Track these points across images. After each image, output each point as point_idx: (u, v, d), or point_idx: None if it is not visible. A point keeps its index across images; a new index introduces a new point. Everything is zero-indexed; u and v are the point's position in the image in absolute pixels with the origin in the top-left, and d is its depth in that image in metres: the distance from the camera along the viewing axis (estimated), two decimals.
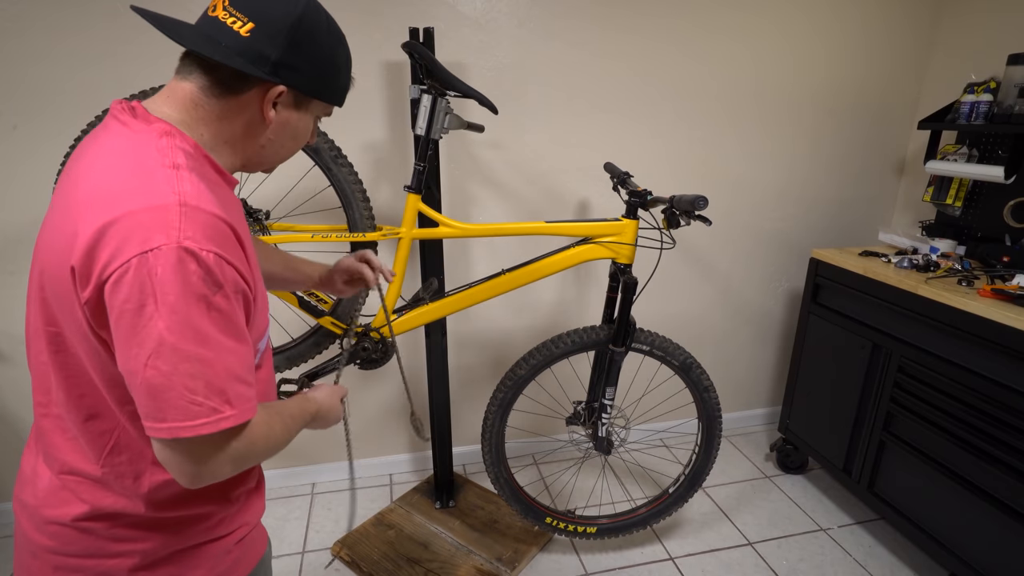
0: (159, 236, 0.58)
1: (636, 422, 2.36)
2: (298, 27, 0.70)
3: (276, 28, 0.68)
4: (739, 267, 2.26)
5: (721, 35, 1.94)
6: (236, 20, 0.68)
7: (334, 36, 0.75)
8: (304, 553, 1.79)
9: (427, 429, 1.12)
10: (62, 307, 0.64)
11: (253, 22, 0.68)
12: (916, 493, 1.67)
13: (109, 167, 0.64)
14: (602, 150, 1.97)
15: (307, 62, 0.72)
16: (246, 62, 0.68)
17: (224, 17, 0.68)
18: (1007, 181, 1.73)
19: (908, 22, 2.10)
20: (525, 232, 1.45)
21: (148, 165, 0.63)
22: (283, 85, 0.70)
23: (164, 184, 0.62)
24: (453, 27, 1.73)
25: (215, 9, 0.70)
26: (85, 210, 0.61)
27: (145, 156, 0.64)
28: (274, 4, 0.69)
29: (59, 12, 1.51)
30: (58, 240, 0.63)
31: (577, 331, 1.53)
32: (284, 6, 0.69)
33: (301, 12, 0.70)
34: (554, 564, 1.77)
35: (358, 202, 1.39)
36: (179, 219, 0.59)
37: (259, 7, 0.69)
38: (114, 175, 0.63)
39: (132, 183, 0.62)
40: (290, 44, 0.69)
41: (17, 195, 1.63)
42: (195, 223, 0.60)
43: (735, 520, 1.97)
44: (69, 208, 0.64)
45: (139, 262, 0.57)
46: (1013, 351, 1.39)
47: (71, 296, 0.62)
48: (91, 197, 0.62)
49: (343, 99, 0.81)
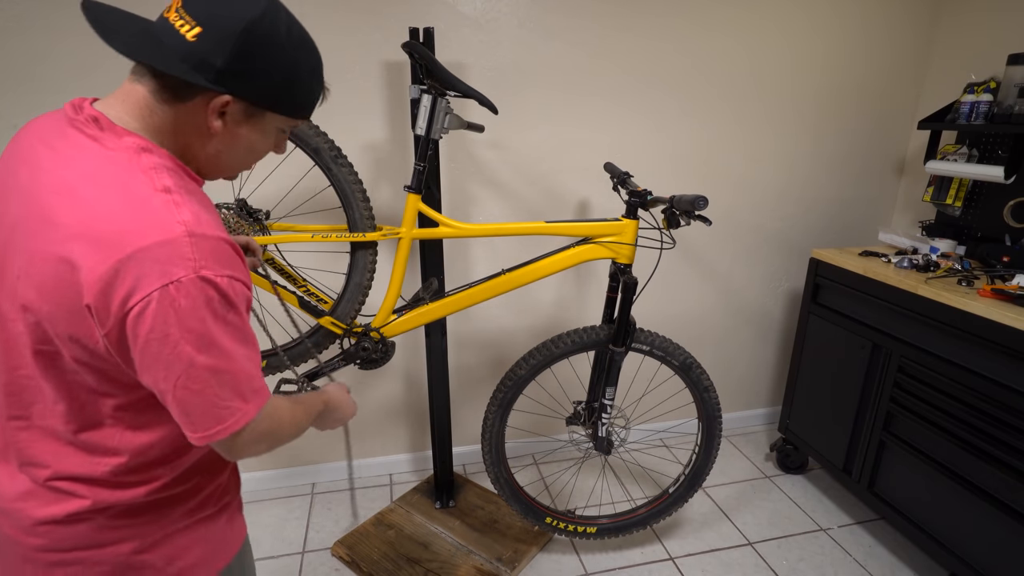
0: (177, 269, 0.61)
1: (636, 422, 2.36)
2: (250, 33, 0.65)
3: (224, 33, 0.65)
4: (739, 267, 2.27)
5: (720, 35, 1.94)
6: (185, 24, 0.65)
7: (295, 43, 0.70)
8: (304, 553, 1.79)
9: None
10: (67, 334, 0.64)
11: (201, 26, 0.64)
12: (916, 493, 1.67)
13: (98, 196, 0.62)
14: (602, 150, 1.97)
15: (258, 71, 0.68)
16: (188, 68, 0.65)
17: (175, 20, 0.66)
18: (1007, 181, 1.73)
19: (908, 22, 2.10)
20: (525, 232, 1.45)
21: (141, 193, 0.63)
22: (228, 95, 0.67)
23: (165, 214, 0.62)
24: (453, 27, 1.73)
25: (169, 11, 0.67)
26: (84, 245, 0.61)
27: (133, 182, 0.64)
28: (226, 7, 0.65)
29: (59, 12, 1.51)
30: (46, 270, 0.62)
31: (577, 331, 1.53)
32: (236, 10, 0.65)
33: (254, 16, 0.65)
34: (554, 564, 1.77)
35: (358, 202, 1.39)
36: (192, 250, 0.62)
37: (210, 10, 0.65)
38: (107, 205, 0.62)
39: (132, 215, 0.62)
40: (239, 51, 0.65)
41: None
42: (206, 251, 0.63)
43: (735, 520, 1.97)
44: (50, 234, 0.62)
45: (161, 295, 0.60)
46: (1013, 351, 1.39)
47: (86, 329, 0.63)
48: (87, 230, 0.61)
49: (307, 112, 0.77)
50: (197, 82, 0.65)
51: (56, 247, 0.62)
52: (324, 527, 1.90)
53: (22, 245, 0.65)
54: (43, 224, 0.64)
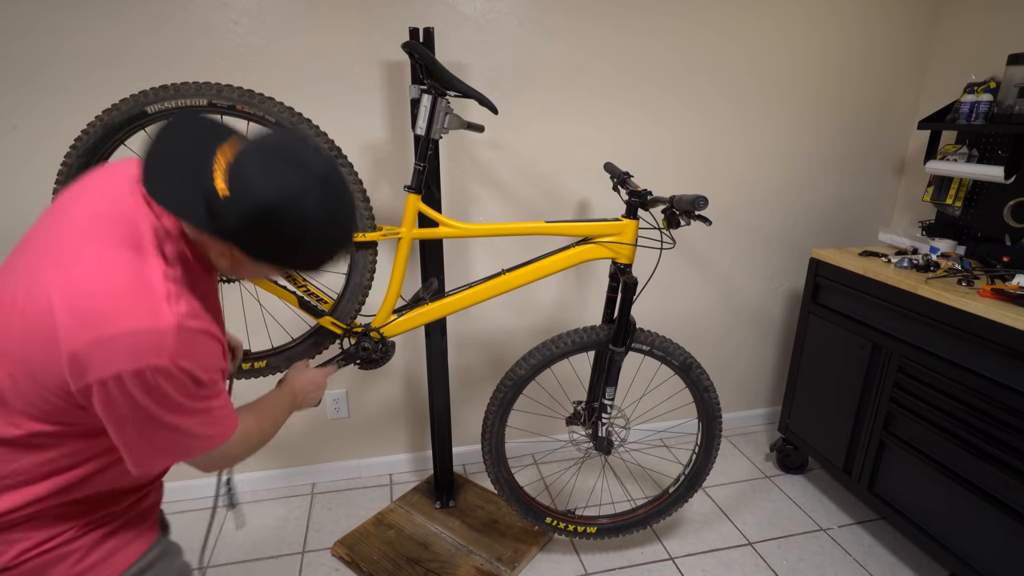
0: (155, 358, 0.67)
1: (636, 422, 2.36)
2: (271, 211, 0.69)
3: (247, 205, 0.69)
4: (739, 267, 2.27)
5: (720, 35, 1.94)
6: (221, 177, 0.70)
7: (318, 226, 0.73)
8: (304, 553, 1.79)
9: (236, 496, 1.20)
10: (33, 368, 0.69)
11: (230, 190, 0.69)
12: (916, 493, 1.67)
13: (104, 268, 0.69)
14: (602, 150, 1.97)
15: (268, 240, 0.73)
16: (205, 214, 0.71)
17: (217, 169, 0.70)
18: (1007, 181, 1.73)
19: (908, 22, 2.10)
20: (525, 232, 1.45)
21: (149, 277, 0.70)
22: (234, 246, 0.74)
23: (164, 304, 0.69)
24: (453, 27, 1.73)
25: (222, 151, 0.72)
26: (75, 312, 0.66)
27: (145, 265, 0.70)
28: (263, 178, 0.69)
29: (60, 13, 1.51)
30: (36, 308, 0.68)
31: (577, 331, 1.53)
32: (272, 184, 0.69)
33: (286, 196, 0.69)
34: (554, 564, 1.77)
35: (358, 202, 1.39)
36: (175, 342, 0.69)
37: (248, 175, 0.69)
38: (108, 280, 0.68)
39: (129, 297, 0.68)
40: (255, 223, 0.70)
41: (17, 195, 1.63)
42: (187, 344, 0.70)
43: (735, 520, 1.97)
44: (56, 278, 0.68)
45: (135, 375, 0.67)
46: (1013, 351, 1.39)
47: (56, 375, 0.68)
48: (83, 299, 0.67)
49: (312, 271, 0.81)
50: (207, 230, 0.72)
51: (47, 293, 0.68)
52: (324, 527, 1.90)
53: (30, 260, 0.73)
54: (53, 256, 0.71)
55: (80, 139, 1.23)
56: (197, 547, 1.81)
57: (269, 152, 0.70)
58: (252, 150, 0.70)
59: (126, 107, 1.22)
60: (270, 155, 0.70)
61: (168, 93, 1.23)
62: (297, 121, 1.29)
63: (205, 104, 1.25)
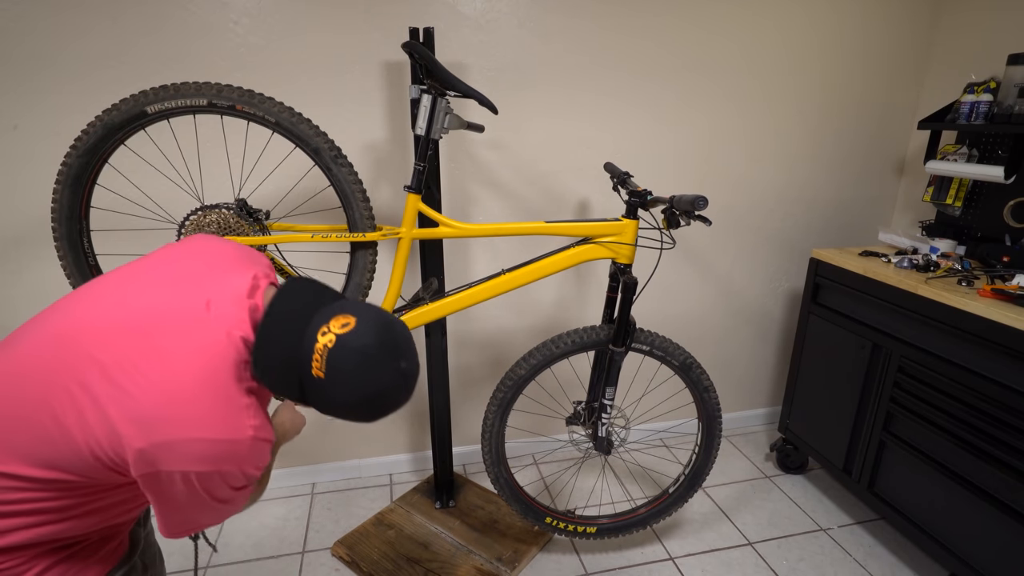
0: (227, 464, 0.73)
1: (636, 422, 2.36)
2: (353, 404, 0.75)
3: (335, 396, 0.74)
4: (739, 267, 2.27)
5: (720, 35, 1.94)
6: (319, 363, 0.73)
7: (386, 412, 0.79)
8: (304, 553, 1.79)
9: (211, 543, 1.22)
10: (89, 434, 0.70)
11: (326, 377, 0.73)
12: (916, 493, 1.67)
13: (187, 371, 0.71)
14: (602, 150, 1.97)
15: (339, 413, 0.78)
16: (298, 393, 0.77)
17: (320, 348, 0.73)
18: (1007, 181, 1.73)
19: (908, 21, 2.10)
20: (525, 232, 1.45)
21: (234, 390, 0.74)
22: (311, 406, 0.80)
23: (244, 417, 0.74)
24: (453, 27, 1.73)
25: (327, 330, 0.74)
26: (158, 407, 0.69)
27: (232, 378, 0.74)
28: (357, 376, 0.73)
29: (60, 13, 1.51)
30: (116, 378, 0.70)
31: (577, 331, 1.53)
32: (363, 380, 0.74)
33: (364, 399, 0.75)
34: (554, 564, 1.77)
35: (358, 202, 1.39)
36: (247, 452, 0.74)
37: (341, 372, 0.73)
38: (197, 386, 0.71)
39: (215, 406, 0.72)
40: (338, 406, 0.76)
41: (17, 195, 1.63)
42: (255, 452, 0.76)
43: (735, 520, 1.97)
44: (145, 366, 0.70)
45: (203, 475, 0.72)
46: (1013, 351, 1.39)
47: (110, 458, 0.70)
48: (169, 398, 0.69)
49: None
50: (291, 398, 0.78)
51: (126, 375, 0.70)
52: (324, 527, 1.90)
53: (104, 322, 0.74)
54: (130, 325, 0.74)
55: (80, 139, 1.23)
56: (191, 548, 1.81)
57: (368, 351, 0.74)
58: (354, 345, 0.73)
59: (126, 107, 1.22)
60: (368, 355, 0.74)
61: (168, 93, 1.23)
62: (297, 121, 1.29)
63: (205, 104, 1.25)
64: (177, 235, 1.30)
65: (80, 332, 0.72)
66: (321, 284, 0.83)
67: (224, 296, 0.77)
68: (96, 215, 1.64)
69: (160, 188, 1.69)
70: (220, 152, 1.69)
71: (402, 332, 0.79)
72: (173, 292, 0.76)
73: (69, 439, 0.69)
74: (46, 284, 1.71)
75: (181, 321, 0.73)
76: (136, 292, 0.77)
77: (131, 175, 1.65)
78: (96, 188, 1.32)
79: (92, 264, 1.35)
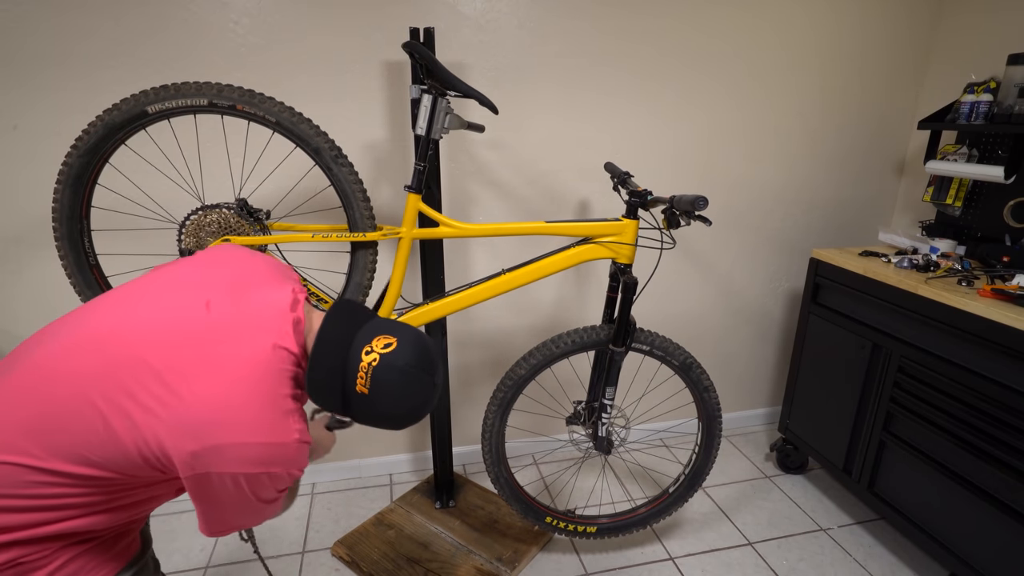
0: (275, 466, 0.77)
1: (636, 422, 2.36)
2: (393, 415, 0.84)
3: (378, 408, 0.83)
4: (739, 267, 2.27)
5: (720, 35, 1.94)
6: (364, 381, 0.81)
7: (418, 419, 0.87)
8: (304, 553, 1.79)
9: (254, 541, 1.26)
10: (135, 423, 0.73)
11: (370, 393, 0.81)
12: (916, 493, 1.67)
13: (236, 379, 0.75)
14: (602, 150, 1.97)
15: (378, 423, 0.86)
16: (341, 405, 0.84)
17: (363, 369, 0.81)
18: (1007, 181, 1.73)
19: (908, 21, 2.10)
20: (525, 232, 1.45)
21: (283, 396, 0.78)
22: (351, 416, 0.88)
23: (291, 422, 0.78)
24: (453, 27, 1.73)
25: (370, 350, 0.82)
26: (208, 413, 0.72)
27: (281, 386, 0.78)
28: (395, 397, 0.82)
29: (62, 15, 1.51)
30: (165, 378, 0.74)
31: (577, 331, 1.53)
32: (402, 398, 0.82)
33: (405, 411, 0.84)
34: (554, 564, 1.77)
35: (358, 202, 1.39)
36: (294, 454, 0.78)
37: (384, 388, 0.81)
38: (241, 393, 0.75)
39: (264, 411, 0.75)
40: (378, 418, 0.85)
41: (18, 195, 1.63)
42: (300, 454, 0.79)
43: (735, 520, 1.97)
44: (188, 349, 0.74)
45: (252, 476, 0.75)
46: (1013, 351, 1.39)
47: (156, 458, 0.73)
48: (216, 405, 0.73)
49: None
50: (335, 411, 0.84)
51: (179, 373, 0.74)
52: (324, 527, 1.90)
53: (150, 318, 0.78)
54: (189, 321, 0.78)
55: (81, 139, 1.23)
56: (197, 548, 1.81)
57: (409, 369, 0.82)
58: (397, 364, 0.81)
59: (127, 107, 1.22)
60: (409, 372, 0.82)
61: (169, 93, 1.23)
62: (298, 121, 1.29)
63: (206, 104, 1.25)
64: (178, 235, 1.30)
65: (127, 336, 0.75)
66: (357, 304, 0.90)
67: (269, 309, 0.82)
68: (97, 215, 1.64)
69: (161, 188, 1.69)
70: (221, 152, 1.69)
71: (434, 349, 0.87)
72: (218, 301, 0.80)
73: (116, 439, 0.71)
74: (47, 284, 1.71)
75: (230, 331, 0.77)
76: (181, 300, 0.80)
77: (132, 175, 1.65)
78: (97, 188, 1.32)
79: (93, 264, 1.35)
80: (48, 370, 0.74)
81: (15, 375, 0.75)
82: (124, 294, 0.83)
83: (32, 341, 0.80)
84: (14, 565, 0.75)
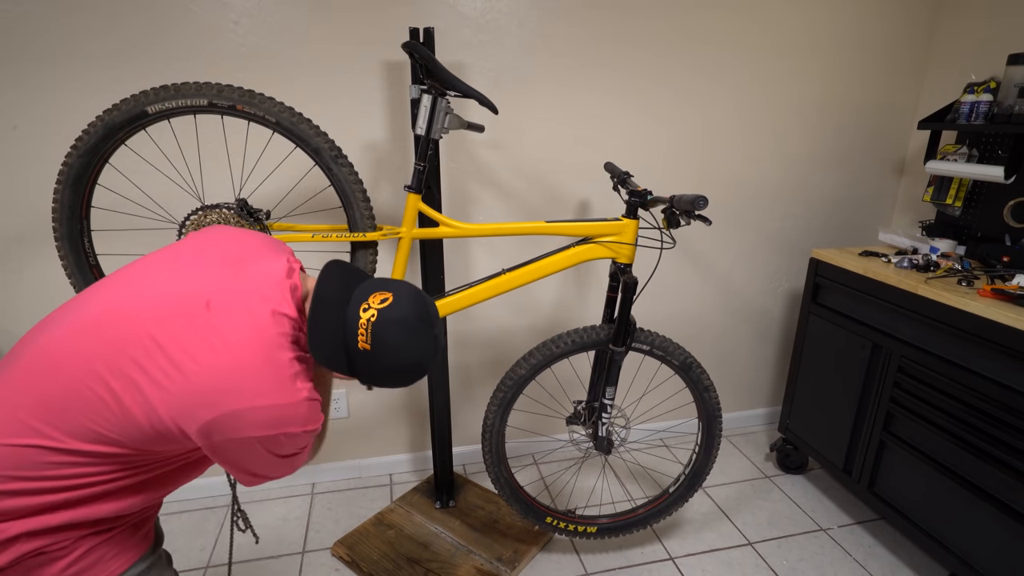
0: (289, 426, 0.79)
1: (636, 422, 2.36)
2: (398, 370, 0.84)
3: (381, 364, 0.83)
4: (739, 267, 2.27)
5: (719, 36, 1.94)
6: (364, 337, 0.81)
7: (422, 374, 0.88)
8: (304, 553, 1.79)
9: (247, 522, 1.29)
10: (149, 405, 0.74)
11: (372, 348, 0.82)
12: (916, 493, 1.67)
13: (240, 347, 0.76)
14: (602, 150, 1.97)
15: (381, 381, 0.87)
16: (346, 365, 0.84)
17: (362, 327, 0.82)
18: (1007, 181, 1.73)
19: (908, 22, 2.10)
20: (525, 232, 1.46)
21: (284, 361, 0.79)
22: (354, 377, 0.88)
23: (297, 382, 0.79)
24: (453, 27, 1.73)
25: (368, 306, 0.83)
26: (218, 382, 0.74)
27: (283, 351, 0.79)
28: (398, 350, 0.82)
29: (63, 16, 1.51)
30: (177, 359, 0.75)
31: (577, 331, 1.53)
32: (404, 351, 0.83)
33: (409, 365, 0.84)
34: (554, 564, 1.77)
35: (358, 202, 1.39)
36: (306, 412, 0.80)
37: (387, 343, 0.81)
38: (246, 359, 0.76)
39: (269, 375, 0.77)
40: (383, 374, 0.85)
41: (18, 195, 1.63)
42: (311, 411, 0.81)
43: (735, 520, 1.97)
44: (209, 342, 0.75)
45: (268, 438, 0.78)
46: (1013, 351, 1.39)
47: (169, 430, 0.75)
48: (224, 373, 0.74)
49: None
50: (344, 373, 0.85)
51: (188, 345, 0.75)
52: (324, 527, 1.90)
53: (162, 293, 0.80)
54: (196, 300, 0.79)
55: (81, 139, 1.23)
56: (197, 548, 1.81)
57: (408, 322, 0.83)
58: (395, 317, 0.82)
59: (127, 107, 1.22)
60: (409, 325, 0.83)
61: (168, 93, 1.23)
62: (298, 121, 1.29)
63: (205, 104, 1.25)
64: (178, 235, 1.30)
65: (131, 314, 0.77)
66: (350, 265, 0.91)
67: (266, 279, 0.83)
68: (97, 215, 1.64)
69: (161, 188, 1.69)
70: (220, 152, 1.69)
71: (432, 303, 0.88)
72: (217, 275, 0.81)
73: (127, 414, 0.73)
74: (47, 283, 1.71)
75: (230, 303, 0.79)
76: (180, 276, 0.81)
77: (132, 175, 1.65)
78: (97, 188, 1.32)
79: (93, 264, 1.35)
80: (55, 354, 0.75)
81: (22, 362, 0.76)
82: (123, 276, 0.84)
83: (36, 330, 0.81)
84: (37, 554, 0.76)
